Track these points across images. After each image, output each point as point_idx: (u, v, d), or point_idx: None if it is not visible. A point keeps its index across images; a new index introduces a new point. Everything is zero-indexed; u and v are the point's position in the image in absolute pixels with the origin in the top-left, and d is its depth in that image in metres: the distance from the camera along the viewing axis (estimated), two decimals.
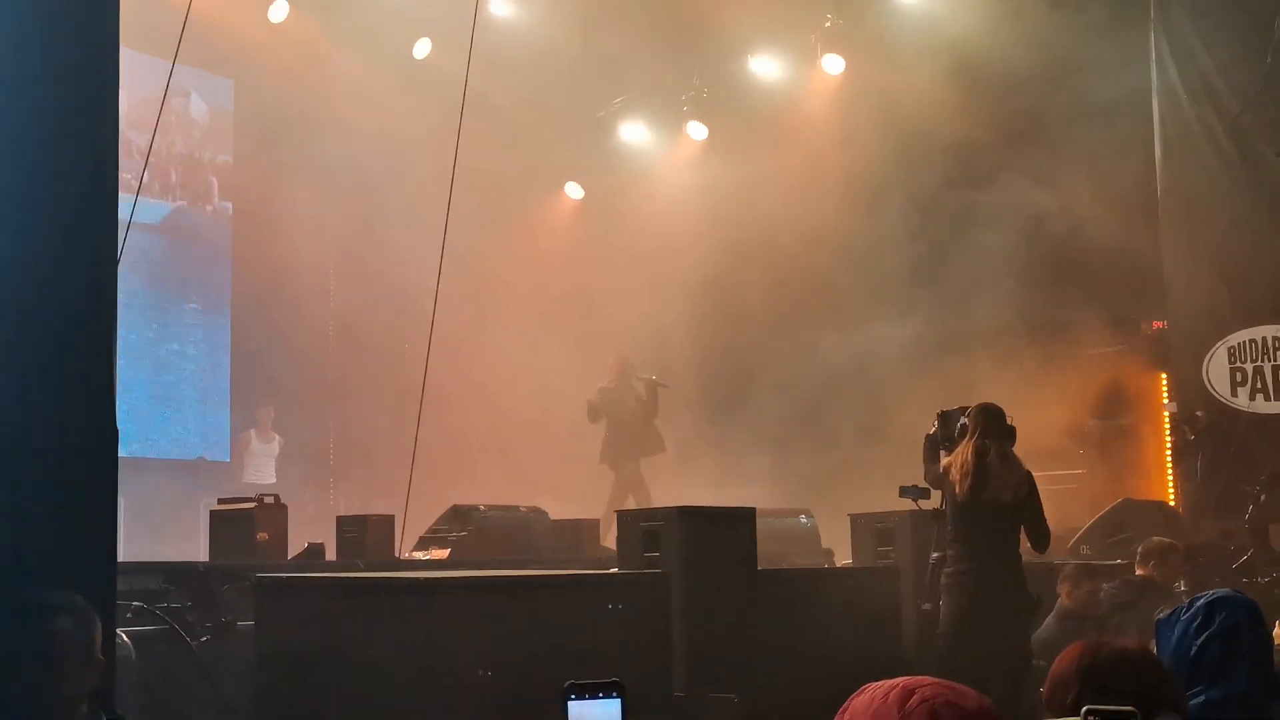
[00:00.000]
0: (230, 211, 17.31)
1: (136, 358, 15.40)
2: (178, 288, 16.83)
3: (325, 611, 6.95)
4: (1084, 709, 2.35)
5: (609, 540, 10.58)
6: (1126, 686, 2.81)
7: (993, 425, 8.01)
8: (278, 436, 16.18)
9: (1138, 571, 9.32)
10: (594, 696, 2.41)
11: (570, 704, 2.41)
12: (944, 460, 8.21)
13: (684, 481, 13.53)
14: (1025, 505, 7.90)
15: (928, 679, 2.19)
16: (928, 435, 8.56)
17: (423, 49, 16.91)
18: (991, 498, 7.82)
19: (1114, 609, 8.20)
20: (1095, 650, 2.94)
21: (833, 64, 16.99)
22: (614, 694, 2.41)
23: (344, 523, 10.41)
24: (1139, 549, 9.49)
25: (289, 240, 16.27)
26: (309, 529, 11.79)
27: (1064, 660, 3.00)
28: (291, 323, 16.96)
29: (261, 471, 15.86)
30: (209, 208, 17.15)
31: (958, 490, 7.90)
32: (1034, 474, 8.16)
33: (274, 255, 16.29)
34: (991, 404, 8.18)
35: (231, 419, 16.94)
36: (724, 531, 8.10)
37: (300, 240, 16.38)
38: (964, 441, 8.05)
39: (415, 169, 15.53)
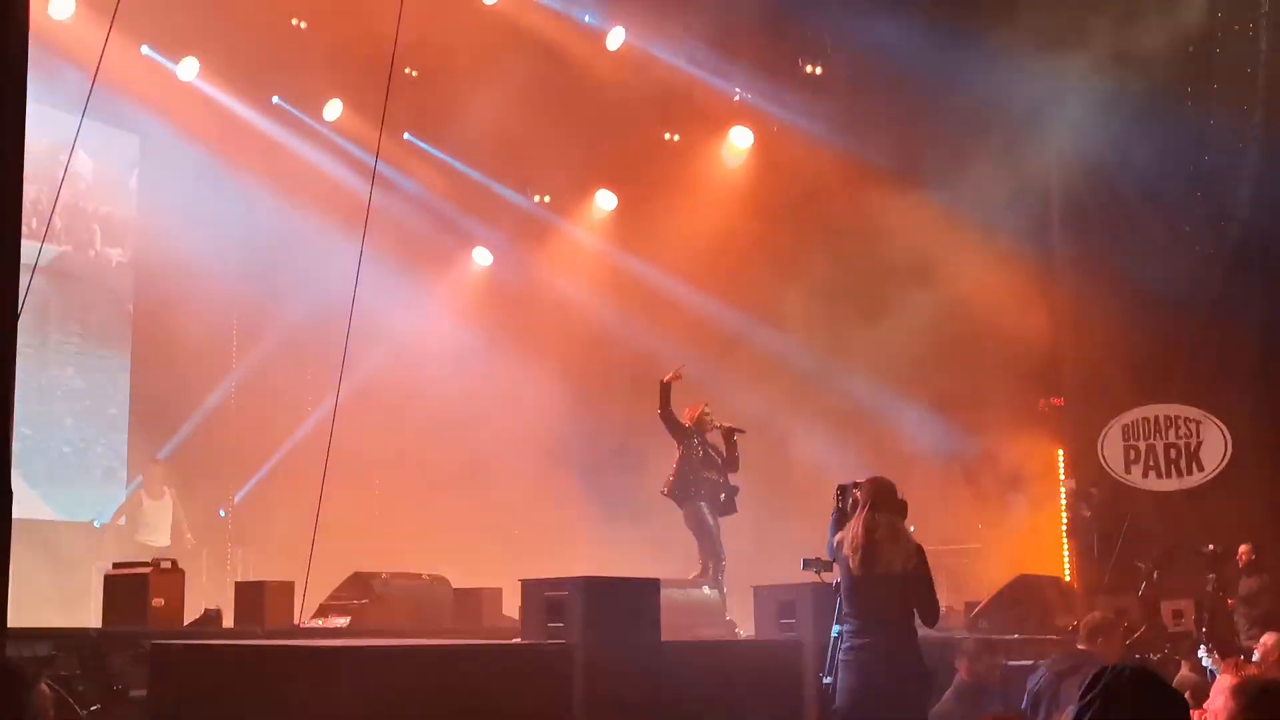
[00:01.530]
0: (113, 260, 16.98)
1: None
2: (60, 338, 16.46)
3: (222, 681, 6.80)
4: None
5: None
6: None
7: (882, 498, 8.02)
8: (169, 490, 15.59)
9: (1080, 646, 9.29)
10: None
11: None
12: (838, 535, 8.24)
13: (586, 551, 13.48)
14: (915, 578, 7.89)
15: None
16: (834, 509, 8.60)
17: (334, 111, 16.88)
18: (883, 571, 7.82)
19: (1053, 679, 8.16)
20: None
21: (741, 137, 17.24)
22: None
23: (242, 589, 10.21)
24: (1082, 625, 9.46)
25: (191, 298, 16.02)
26: (205, 594, 11.57)
27: None
28: (192, 382, 16.67)
29: (156, 532, 15.24)
30: (91, 253, 16.84)
31: (850, 564, 7.92)
32: (932, 548, 8.21)
33: (176, 314, 16.02)
34: (881, 478, 8.20)
35: (128, 481, 16.54)
36: (628, 602, 8.08)
37: (203, 299, 16.14)
38: (855, 515, 8.07)
39: (325, 230, 15.43)
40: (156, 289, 16.37)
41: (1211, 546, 11.85)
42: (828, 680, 8.42)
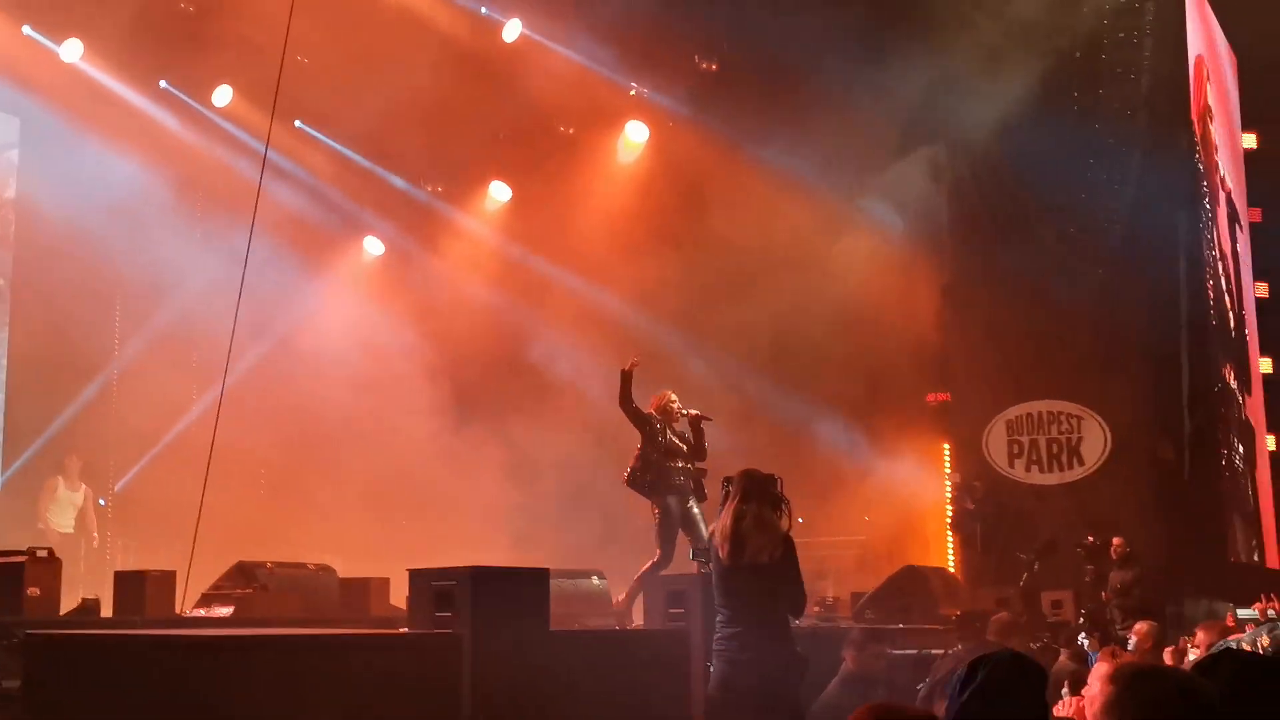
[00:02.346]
0: None
1: None
2: None
3: (101, 672, 6.66)
4: None
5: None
6: None
7: (752, 489, 8.04)
8: (85, 486, 15.52)
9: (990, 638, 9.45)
10: None
11: None
12: (710, 526, 8.27)
13: (478, 541, 13.44)
14: (781, 569, 7.92)
15: None
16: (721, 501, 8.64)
17: (223, 96, 16.61)
18: (749, 561, 7.84)
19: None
20: (888, 716, 2.99)
21: (636, 131, 17.27)
22: None
23: (122, 578, 10.01)
24: (992, 622, 9.60)
25: (73, 280, 15.68)
26: (84, 585, 11.34)
27: None
28: (73, 366, 16.31)
29: (62, 518, 15.20)
30: None
31: (720, 555, 7.96)
32: (820, 539, 8.30)
33: (56, 295, 15.67)
34: (753, 469, 8.24)
35: (4, 466, 16.16)
36: (516, 592, 8.05)
37: (85, 282, 15.80)
38: (725, 506, 8.12)
39: (213, 217, 15.20)
40: (35, 270, 16.02)
41: (1091, 539, 12.13)
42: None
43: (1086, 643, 9.52)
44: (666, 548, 11.23)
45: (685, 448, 11.40)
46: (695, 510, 11.22)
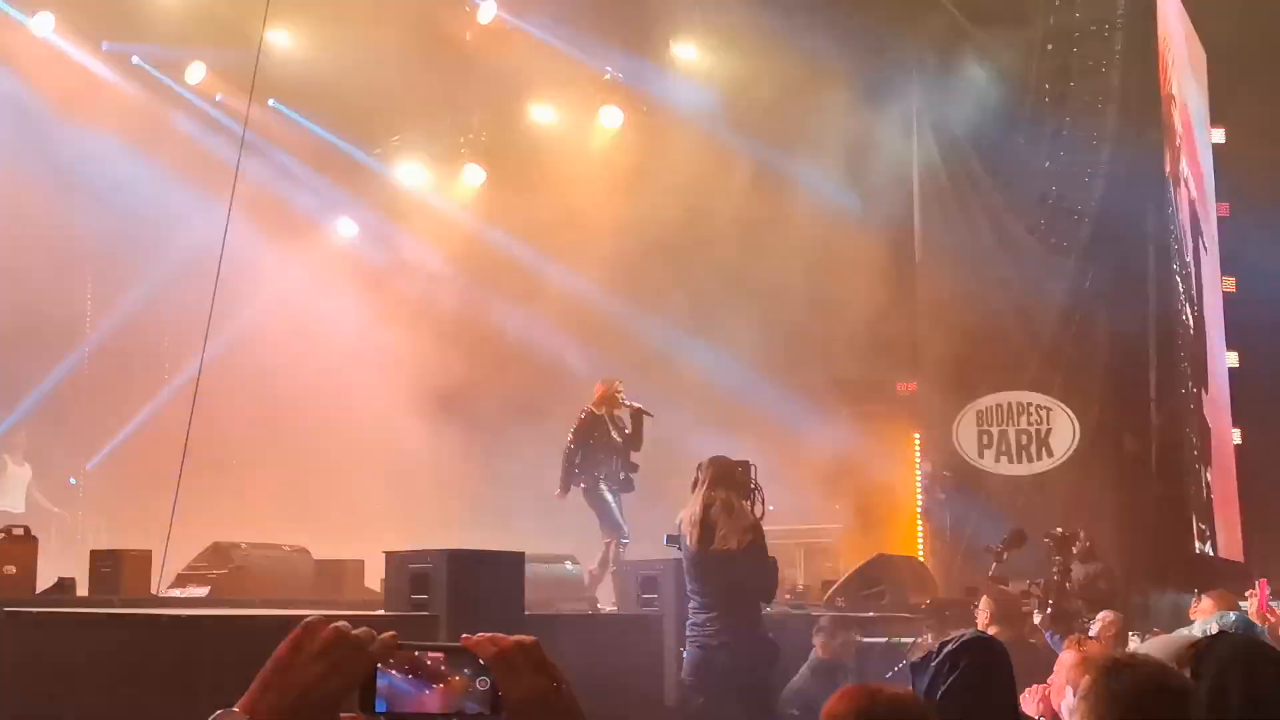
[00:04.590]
0: None
1: None
2: None
3: (79, 649, 6.68)
4: None
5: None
6: None
7: (720, 476, 8.18)
8: (29, 464, 15.37)
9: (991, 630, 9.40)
10: None
11: None
12: (681, 513, 8.38)
13: (452, 524, 13.47)
14: (750, 554, 8.03)
15: None
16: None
17: (196, 74, 16.51)
18: (718, 547, 7.97)
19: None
20: (873, 696, 3.04)
21: (610, 116, 17.26)
22: None
23: (98, 557, 9.99)
24: (998, 594, 9.52)
25: (45, 259, 15.54)
26: (55, 564, 11.29)
27: (839, 706, 3.09)
28: (41, 342, 16.18)
29: (11, 498, 15.05)
30: None
31: (689, 541, 8.06)
32: (791, 527, 8.39)
33: (27, 274, 15.51)
34: (721, 457, 8.37)
35: None
36: (492, 575, 8.10)
37: (57, 260, 15.68)
38: (695, 493, 8.22)
39: (186, 193, 15.14)
40: (5, 248, 15.89)
41: (1060, 530, 12.23)
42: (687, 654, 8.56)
43: (1052, 634, 9.60)
44: (619, 526, 11.62)
45: (620, 439, 11.80)
46: (608, 496, 11.65)
